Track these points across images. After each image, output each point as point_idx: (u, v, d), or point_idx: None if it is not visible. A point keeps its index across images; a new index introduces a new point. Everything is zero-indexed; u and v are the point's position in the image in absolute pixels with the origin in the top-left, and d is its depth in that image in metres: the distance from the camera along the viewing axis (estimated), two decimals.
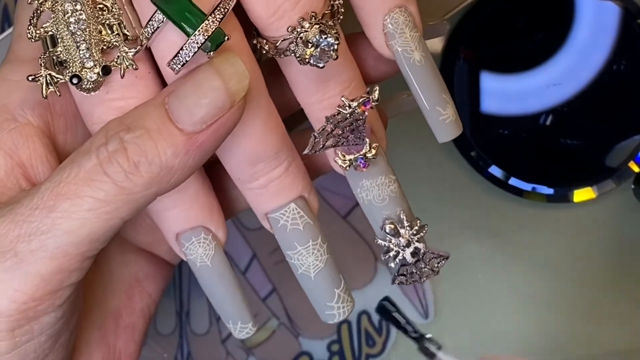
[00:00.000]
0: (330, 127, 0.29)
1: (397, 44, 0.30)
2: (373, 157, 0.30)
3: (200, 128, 0.27)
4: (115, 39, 0.27)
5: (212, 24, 0.27)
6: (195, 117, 0.27)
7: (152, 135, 0.27)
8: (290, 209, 0.31)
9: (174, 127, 0.27)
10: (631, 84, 0.44)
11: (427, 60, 0.31)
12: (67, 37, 0.27)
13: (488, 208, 0.46)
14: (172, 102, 0.27)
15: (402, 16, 0.30)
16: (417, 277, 0.32)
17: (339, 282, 0.32)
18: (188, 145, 0.27)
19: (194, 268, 0.33)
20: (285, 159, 0.31)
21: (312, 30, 0.28)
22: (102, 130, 0.27)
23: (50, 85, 0.28)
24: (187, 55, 0.27)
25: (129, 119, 0.27)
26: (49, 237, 0.26)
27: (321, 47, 0.28)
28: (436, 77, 0.31)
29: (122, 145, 0.26)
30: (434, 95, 0.31)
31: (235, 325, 0.34)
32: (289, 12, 0.28)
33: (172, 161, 0.27)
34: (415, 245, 0.32)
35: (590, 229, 0.46)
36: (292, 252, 0.32)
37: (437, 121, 0.31)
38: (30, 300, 0.27)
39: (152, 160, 0.27)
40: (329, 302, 0.32)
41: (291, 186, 0.31)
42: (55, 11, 0.27)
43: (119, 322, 0.34)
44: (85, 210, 0.26)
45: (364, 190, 0.31)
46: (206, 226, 0.32)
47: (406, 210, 0.32)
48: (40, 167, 0.30)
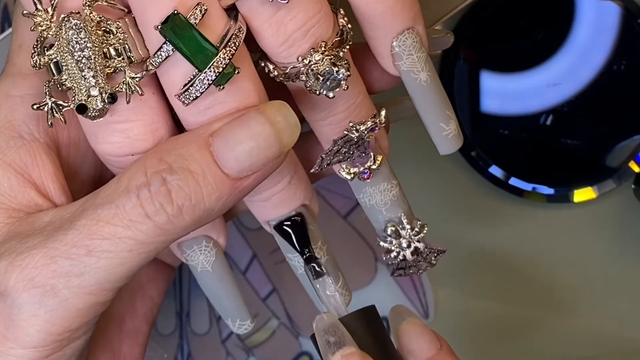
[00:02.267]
0: (337, 148, 0.30)
1: (404, 65, 0.30)
2: (377, 167, 0.31)
3: (246, 174, 0.27)
4: (120, 64, 0.27)
5: (223, 60, 0.26)
6: (244, 165, 0.27)
7: (198, 179, 0.26)
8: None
9: (221, 172, 0.27)
10: (631, 84, 0.44)
11: (433, 80, 0.31)
12: (72, 65, 0.27)
13: (488, 208, 0.46)
14: (219, 146, 0.27)
15: (410, 38, 0.30)
16: (414, 270, 0.33)
17: (337, 279, 0.33)
18: (231, 190, 0.27)
19: (195, 272, 0.33)
20: (288, 173, 0.31)
21: (323, 62, 0.28)
22: (139, 166, 0.27)
23: (56, 114, 0.27)
24: (197, 92, 0.27)
25: (169, 157, 0.27)
26: (87, 276, 0.26)
27: (332, 79, 0.28)
28: (441, 95, 0.31)
29: (166, 187, 0.26)
30: (438, 113, 0.31)
31: (234, 322, 0.34)
32: (298, 40, 0.28)
33: (215, 205, 0.27)
34: (416, 245, 0.32)
35: (590, 229, 0.46)
36: (293, 255, 0.32)
37: (440, 136, 0.31)
38: (65, 332, 0.27)
39: (196, 204, 0.26)
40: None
41: (293, 197, 0.31)
42: (59, 39, 0.27)
43: (122, 326, 0.34)
44: (126, 252, 0.26)
45: (367, 196, 0.32)
46: (207, 235, 0.32)
47: (407, 211, 0.32)
48: (50, 185, 0.29)
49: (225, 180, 0.27)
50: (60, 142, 0.30)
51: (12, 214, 0.29)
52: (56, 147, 0.30)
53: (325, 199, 0.46)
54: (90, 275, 0.26)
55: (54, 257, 0.27)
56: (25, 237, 0.28)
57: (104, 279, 0.27)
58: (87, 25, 0.26)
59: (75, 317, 0.27)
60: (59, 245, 0.27)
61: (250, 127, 0.27)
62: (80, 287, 0.26)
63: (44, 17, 0.27)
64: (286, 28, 0.27)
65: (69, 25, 0.26)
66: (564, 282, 0.46)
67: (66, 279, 0.26)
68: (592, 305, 0.46)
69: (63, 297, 0.27)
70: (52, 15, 0.27)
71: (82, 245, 0.26)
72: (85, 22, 0.26)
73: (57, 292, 0.27)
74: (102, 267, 0.26)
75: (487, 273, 0.46)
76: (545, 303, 0.46)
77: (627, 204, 0.45)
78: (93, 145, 0.29)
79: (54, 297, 0.27)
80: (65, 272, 0.26)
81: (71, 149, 0.31)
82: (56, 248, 0.27)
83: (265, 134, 0.27)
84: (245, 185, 0.27)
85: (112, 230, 0.26)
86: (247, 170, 0.27)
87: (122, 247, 0.26)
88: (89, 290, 0.27)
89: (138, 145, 0.28)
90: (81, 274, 0.26)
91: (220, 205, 0.27)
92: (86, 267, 0.26)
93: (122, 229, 0.26)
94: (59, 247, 0.27)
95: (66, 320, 0.27)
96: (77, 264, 0.26)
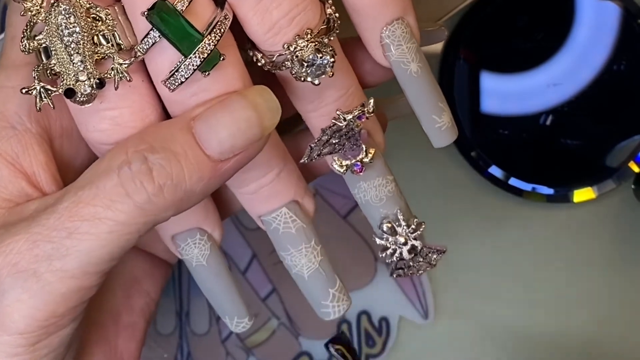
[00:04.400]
0: (326, 137, 0.30)
1: (394, 55, 0.30)
2: (370, 161, 0.30)
3: (227, 157, 0.27)
4: (109, 50, 0.27)
5: (208, 46, 0.27)
6: (225, 146, 0.27)
7: (180, 159, 0.27)
8: (282, 213, 0.32)
9: (202, 153, 0.27)
10: (631, 84, 0.44)
11: (424, 71, 0.31)
12: (61, 50, 0.27)
13: (488, 208, 0.46)
14: (201, 128, 0.27)
15: (399, 29, 0.30)
16: (414, 270, 0.33)
17: (334, 281, 0.33)
18: (213, 172, 0.27)
19: (190, 267, 0.33)
20: (277, 165, 0.31)
21: (307, 48, 0.28)
22: (120, 146, 0.27)
23: (44, 98, 0.27)
24: (182, 77, 0.27)
25: (151, 138, 0.27)
26: (69, 258, 0.26)
27: (316, 65, 0.28)
28: (433, 86, 0.31)
29: (147, 165, 0.26)
30: (430, 105, 0.31)
31: (232, 320, 0.34)
32: (284, 28, 0.28)
33: (196, 186, 0.27)
34: (412, 243, 0.32)
35: (590, 229, 0.46)
36: (285, 253, 0.32)
37: (433, 128, 0.31)
38: (51, 317, 0.27)
39: (177, 184, 0.26)
40: (324, 301, 0.33)
41: (283, 192, 0.31)
42: (48, 24, 0.27)
43: (118, 321, 0.34)
44: (106, 233, 0.26)
45: (362, 191, 0.32)
46: (201, 227, 0.32)
47: (403, 208, 0.32)
48: (42, 174, 0.30)
49: (206, 162, 0.27)
50: (53, 133, 0.30)
51: (2, 204, 0.29)
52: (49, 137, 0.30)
53: (325, 199, 0.46)
54: (72, 258, 0.26)
55: (36, 242, 0.27)
56: (11, 225, 0.28)
57: (85, 262, 0.26)
58: (77, 10, 0.27)
59: (60, 302, 0.27)
60: (40, 229, 0.27)
61: (232, 109, 0.27)
62: (63, 270, 0.26)
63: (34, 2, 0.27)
64: (271, 16, 0.28)
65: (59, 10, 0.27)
66: (564, 282, 0.46)
67: (48, 263, 0.26)
68: (591, 305, 0.46)
69: (46, 281, 0.26)
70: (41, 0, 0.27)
71: (63, 228, 0.26)
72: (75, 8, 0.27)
73: (39, 276, 0.26)
74: (83, 250, 0.26)
75: (486, 273, 0.46)
76: (545, 303, 0.46)
77: (627, 204, 0.45)
78: (84, 134, 0.29)
79: (37, 282, 0.26)
80: (47, 255, 0.26)
81: (64, 140, 0.31)
82: (38, 232, 0.27)
83: (247, 115, 0.27)
84: (226, 167, 0.27)
85: (92, 211, 0.26)
86: (229, 152, 0.27)
87: (102, 228, 0.26)
88: (72, 273, 0.26)
89: (128, 132, 0.28)
90: (62, 257, 0.26)
91: (201, 187, 0.27)
92: (67, 250, 0.26)
93: (102, 210, 0.26)
94: (41, 232, 0.27)
95: (50, 304, 0.27)
96: (58, 247, 0.26)
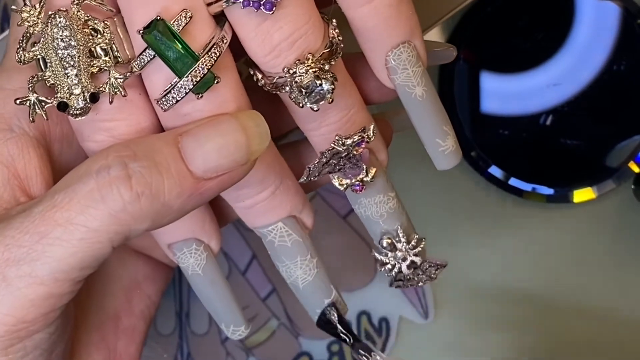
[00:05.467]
0: (324, 159, 0.29)
1: (399, 79, 0.30)
2: (371, 180, 0.30)
3: (211, 176, 0.27)
4: (106, 64, 0.27)
5: (202, 70, 0.26)
6: (210, 164, 0.27)
7: (161, 170, 0.26)
8: (277, 227, 0.31)
9: (185, 168, 0.26)
10: (631, 84, 0.44)
11: (429, 94, 0.30)
12: (56, 63, 0.27)
13: (488, 208, 0.46)
14: (188, 143, 0.27)
15: (405, 52, 0.29)
16: (414, 283, 0.33)
17: (329, 292, 0.32)
18: (193, 189, 0.27)
19: (187, 275, 0.33)
20: (272, 183, 0.30)
21: (307, 75, 0.27)
22: (102, 152, 0.27)
23: (38, 109, 0.27)
24: (174, 99, 0.27)
25: (135, 146, 0.27)
26: (38, 264, 0.26)
27: (315, 92, 0.27)
28: (438, 110, 0.31)
29: (126, 172, 0.26)
30: (434, 128, 0.31)
31: (228, 328, 0.34)
32: (285, 51, 0.27)
33: (175, 201, 0.26)
34: (412, 259, 0.32)
35: (590, 229, 0.46)
36: (281, 264, 0.32)
37: (437, 152, 0.31)
38: (20, 323, 0.26)
39: (155, 194, 0.26)
40: (319, 309, 0.33)
41: (279, 207, 0.31)
42: (44, 35, 0.27)
43: (118, 324, 0.34)
44: (77, 240, 0.26)
45: (362, 207, 0.32)
46: (198, 238, 0.32)
47: (405, 224, 0.32)
48: (34, 178, 0.29)
49: (188, 178, 0.26)
50: (52, 137, 0.30)
51: None
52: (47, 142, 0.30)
53: (325, 199, 0.46)
54: (41, 263, 0.26)
55: (7, 245, 0.26)
56: None
57: (55, 269, 0.26)
58: (74, 23, 0.26)
59: (29, 308, 0.26)
60: (14, 232, 0.26)
61: (222, 130, 0.27)
62: (31, 276, 0.26)
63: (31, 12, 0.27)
64: (272, 39, 0.27)
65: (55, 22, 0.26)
66: (564, 282, 0.46)
67: (17, 268, 0.26)
68: (591, 306, 0.46)
69: (14, 287, 0.26)
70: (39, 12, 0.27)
71: (35, 232, 0.26)
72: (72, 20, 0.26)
73: (8, 281, 0.26)
74: (53, 256, 0.26)
75: (486, 273, 0.46)
76: (545, 303, 0.46)
77: (626, 204, 0.45)
78: (80, 143, 0.29)
79: (5, 287, 0.26)
80: (16, 260, 0.26)
81: (64, 144, 0.30)
82: (11, 236, 0.26)
83: (235, 137, 0.27)
84: (208, 187, 0.27)
85: (65, 216, 0.26)
86: (213, 171, 0.27)
87: (74, 234, 0.26)
88: (41, 279, 0.26)
89: None
90: (32, 262, 0.26)
91: (179, 204, 0.26)
92: (37, 255, 0.26)
93: (75, 215, 0.26)
94: (14, 235, 0.26)
95: (18, 310, 0.26)
96: (28, 252, 0.26)
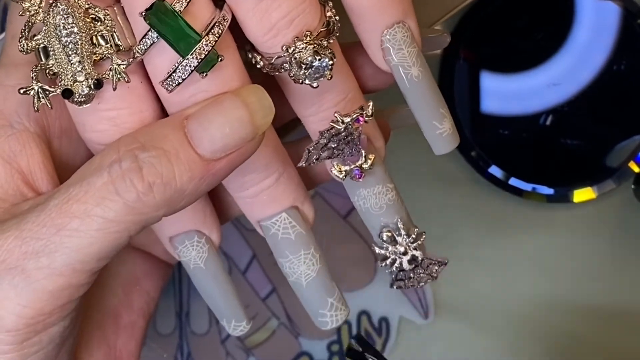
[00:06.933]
0: (324, 141, 0.29)
1: (395, 59, 0.30)
2: (369, 167, 0.30)
3: (219, 156, 0.27)
4: (108, 51, 0.27)
5: (205, 47, 0.26)
6: (217, 145, 0.27)
7: (170, 158, 0.26)
8: (281, 219, 0.31)
9: (194, 152, 0.27)
10: (631, 84, 0.44)
11: (425, 75, 0.30)
12: (59, 50, 0.27)
13: (488, 208, 0.46)
14: (193, 127, 0.27)
15: (400, 32, 0.30)
16: (415, 282, 0.32)
17: (332, 290, 0.32)
18: (205, 171, 0.27)
19: (188, 269, 0.33)
20: (276, 169, 0.31)
21: (306, 50, 0.27)
22: (113, 145, 0.27)
23: (42, 99, 0.27)
24: (180, 78, 0.27)
25: (143, 137, 0.27)
26: (57, 255, 0.26)
27: (315, 68, 0.27)
28: (434, 91, 0.31)
29: (137, 164, 0.26)
30: (431, 110, 0.31)
31: (230, 323, 0.34)
32: (283, 30, 0.28)
33: (187, 186, 0.27)
34: (413, 253, 0.32)
35: (590, 229, 0.46)
36: (284, 259, 0.32)
37: (434, 135, 0.31)
38: (39, 315, 0.27)
39: (167, 182, 0.26)
40: (322, 310, 0.32)
41: (282, 196, 0.31)
42: (46, 24, 0.27)
43: (118, 321, 0.34)
44: (95, 230, 0.26)
45: (361, 199, 0.32)
46: (199, 230, 0.32)
47: (404, 217, 0.32)
48: (38, 173, 0.29)
49: (198, 161, 0.27)
50: (52, 132, 0.30)
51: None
52: (47, 137, 0.30)
53: (325, 199, 0.46)
54: (60, 255, 0.26)
55: (25, 239, 0.26)
56: (3, 223, 0.27)
57: (74, 259, 0.26)
58: (75, 11, 0.27)
59: (48, 299, 0.27)
60: (30, 226, 0.27)
61: (224, 108, 0.27)
62: (50, 267, 0.26)
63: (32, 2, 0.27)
64: (270, 17, 0.27)
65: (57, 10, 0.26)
66: (564, 282, 0.46)
67: (36, 260, 0.26)
68: (591, 306, 0.46)
69: (33, 279, 0.26)
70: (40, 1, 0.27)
71: (52, 225, 0.26)
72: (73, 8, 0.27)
73: (27, 274, 0.26)
74: (71, 247, 0.26)
75: (486, 273, 0.46)
76: (545, 303, 0.46)
77: (627, 204, 0.45)
78: (82, 134, 0.29)
79: (25, 279, 0.26)
80: (35, 252, 0.26)
81: (63, 140, 0.31)
82: (28, 229, 0.26)
83: (239, 114, 0.27)
84: (218, 168, 0.27)
85: (82, 208, 0.26)
86: (221, 152, 0.27)
87: (91, 225, 0.26)
88: (60, 271, 0.26)
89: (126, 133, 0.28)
90: (50, 254, 0.26)
91: (192, 188, 0.27)
92: (56, 247, 0.26)
93: (92, 207, 0.26)
94: (31, 228, 0.26)
95: (38, 302, 0.26)
96: (47, 244, 0.26)
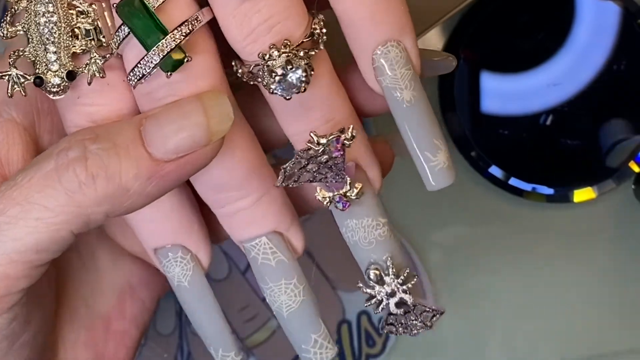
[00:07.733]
0: (303, 162, 0.27)
1: (386, 80, 0.28)
2: (356, 197, 0.28)
3: (170, 157, 0.26)
4: (88, 45, 0.27)
5: (168, 44, 0.26)
6: (169, 146, 0.26)
7: (119, 152, 0.26)
8: (261, 243, 0.29)
9: (144, 150, 0.26)
10: (631, 84, 0.44)
11: (419, 101, 0.28)
12: (37, 38, 0.27)
13: (488, 208, 0.46)
14: (149, 125, 0.26)
15: (393, 51, 0.28)
16: (408, 330, 0.30)
17: (317, 326, 0.30)
18: (152, 171, 0.26)
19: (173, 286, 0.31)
20: (255, 190, 0.29)
21: (278, 60, 0.26)
22: (70, 135, 0.27)
23: (16, 85, 0.27)
24: (140, 72, 0.26)
25: (100, 130, 0.26)
26: None
27: (287, 79, 0.26)
28: (428, 119, 0.28)
29: (84, 154, 0.26)
30: (423, 140, 0.28)
31: (217, 352, 0.32)
32: (262, 36, 0.26)
33: (132, 183, 0.26)
34: (401, 296, 0.29)
35: (590, 229, 0.46)
36: (265, 286, 0.30)
37: (426, 167, 0.28)
38: None
39: (111, 176, 0.26)
40: (305, 345, 0.30)
41: (262, 219, 0.29)
42: (28, 11, 0.27)
43: (109, 326, 0.34)
44: (33, 219, 0.26)
45: (350, 230, 0.29)
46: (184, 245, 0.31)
47: (395, 255, 0.29)
48: (16, 164, 0.29)
49: (147, 159, 0.26)
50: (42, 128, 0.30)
51: None
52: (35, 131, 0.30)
53: None
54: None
55: None
56: None
57: (10, 249, 0.26)
58: (58, 1, 0.27)
59: None
60: None
61: (182, 110, 0.26)
62: None
63: None
64: (250, 21, 0.26)
65: None
66: (564, 282, 0.46)
67: None
68: (591, 306, 0.46)
69: None
70: None
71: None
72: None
73: None
74: (9, 235, 0.26)
75: (486, 273, 0.46)
76: (545, 303, 0.46)
77: (627, 204, 0.45)
78: (66, 129, 0.28)
79: None
80: None
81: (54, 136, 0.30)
82: None
83: (194, 116, 0.26)
84: (168, 170, 0.26)
85: (24, 194, 0.26)
86: (172, 153, 0.26)
87: (30, 213, 0.26)
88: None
89: None
90: None
91: (137, 187, 0.26)
92: None
93: (33, 193, 0.26)
94: None
95: None
96: None
